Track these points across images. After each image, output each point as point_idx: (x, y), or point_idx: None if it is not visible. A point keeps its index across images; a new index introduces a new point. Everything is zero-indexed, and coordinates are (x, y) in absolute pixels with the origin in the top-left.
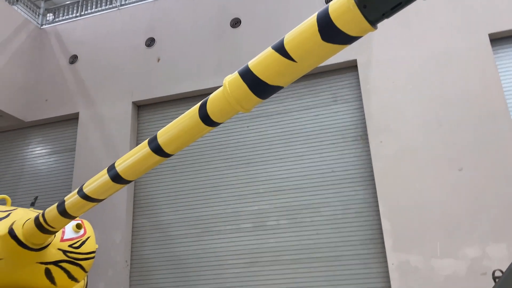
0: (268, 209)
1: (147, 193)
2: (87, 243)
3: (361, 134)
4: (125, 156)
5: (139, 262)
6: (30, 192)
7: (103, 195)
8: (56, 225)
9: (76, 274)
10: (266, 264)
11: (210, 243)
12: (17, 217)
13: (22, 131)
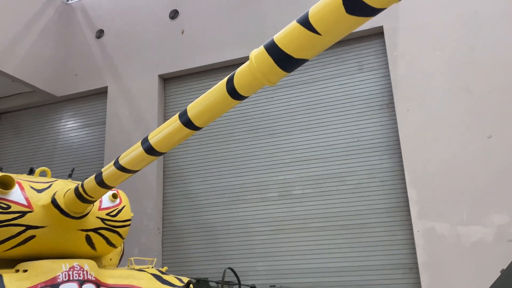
0: (293, 178)
1: (176, 164)
2: (123, 211)
3: (387, 102)
4: (157, 129)
5: (170, 230)
6: (65, 164)
7: (137, 167)
8: (94, 195)
9: (114, 240)
10: (292, 232)
11: (237, 211)
12: (58, 187)
13: (54, 105)
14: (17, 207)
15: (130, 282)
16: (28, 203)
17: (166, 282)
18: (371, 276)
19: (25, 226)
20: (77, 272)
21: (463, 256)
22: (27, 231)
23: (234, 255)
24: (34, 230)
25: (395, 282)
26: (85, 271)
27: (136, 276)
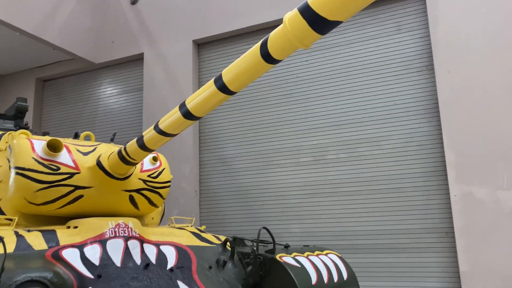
0: (327, 143)
1: (211, 130)
2: (163, 173)
3: (426, 64)
4: (194, 94)
5: (206, 192)
6: (107, 129)
7: (176, 130)
8: (136, 157)
9: (155, 200)
10: (326, 196)
11: (271, 175)
12: (102, 151)
13: (93, 72)
14: (66, 169)
15: (171, 239)
16: (75, 165)
17: (204, 240)
18: (405, 240)
19: (74, 187)
20: (123, 229)
21: (501, 221)
22: (76, 191)
23: (268, 217)
24: (82, 190)
25: (430, 246)
26: (130, 228)
27: (177, 233)
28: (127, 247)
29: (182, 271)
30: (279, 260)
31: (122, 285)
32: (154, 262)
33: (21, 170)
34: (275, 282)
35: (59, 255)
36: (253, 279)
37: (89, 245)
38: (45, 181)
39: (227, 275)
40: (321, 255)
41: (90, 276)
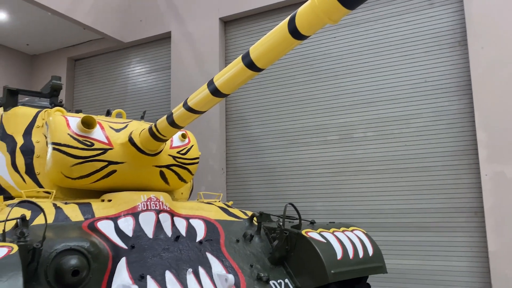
0: (355, 121)
1: (238, 108)
2: (192, 150)
3: (459, 40)
4: (222, 71)
5: (233, 170)
6: (136, 107)
7: (204, 108)
8: (166, 134)
9: (184, 176)
10: (352, 174)
11: (297, 154)
12: (133, 127)
13: (123, 51)
14: (99, 145)
15: (200, 213)
16: (108, 141)
17: (231, 215)
18: (433, 219)
19: (107, 162)
20: (154, 202)
21: None
22: (109, 166)
23: (293, 195)
24: (115, 165)
25: (458, 225)
26: (161, 202)
27: (205, 208)
28: (159, 220)
29: (210, 243)
30: (304, 235)
31: (154, 255)
32: (184, 235)
33: (57, 146)
34: (300, 257)
35: (94, 227)
36: (279, 253)
37: (122, 217)
38: (80, 156)
39: (253, 249)
40: (346, 231)
41: (124, 246)
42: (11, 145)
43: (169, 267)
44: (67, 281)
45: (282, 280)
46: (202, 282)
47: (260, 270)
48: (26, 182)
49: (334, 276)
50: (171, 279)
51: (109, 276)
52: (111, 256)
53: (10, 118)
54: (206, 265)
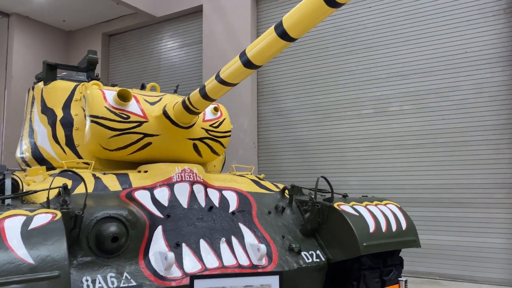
0: (390, 94)
1: (269, 82)
2: (224, 123)
3: (504, 7)
4: (254, 42)
5: (264, 144)
6: (170, 81)
7: (236, 80)
8: (199, 107)
9: (217, 148)
10: (388, 149)
11: (330, 128)
12: (167, 101)
13: (155, 26)
14: (135, 118)
15: (232, 185)
16: (143, 114)
17: (263, 187)
18: (471, 194)
19: (143, 134)
20: (188, 174)
21: None
22: (144, 138)
23: (326, 169)
24: (150, 138)
25: (497, 201)
26: (194, 173)
27: (238, 180)
28: (193, 190)
29: (243, 214)
30: (337, 208)
31: (189, 224)
32: (217, 206)
33: (95, 118)
34: (332, 229)
35: (132, 196)
36: (311, 225)
37: (158, 188)
38: (117, 128)
39: (285, 221)
40: (379, 205)
41: (160, 215)
42: (52, 118)
43: (203, 236)
44: (107, 247)
45: (313, 252)
46: (235, 251)
47: (292, 241)
48: (67, 154)
49: (366, 248)
50: (205, 247)
51: (146, 243)
52: (148, 224)
53: (50, 92)
54: (238, 235)
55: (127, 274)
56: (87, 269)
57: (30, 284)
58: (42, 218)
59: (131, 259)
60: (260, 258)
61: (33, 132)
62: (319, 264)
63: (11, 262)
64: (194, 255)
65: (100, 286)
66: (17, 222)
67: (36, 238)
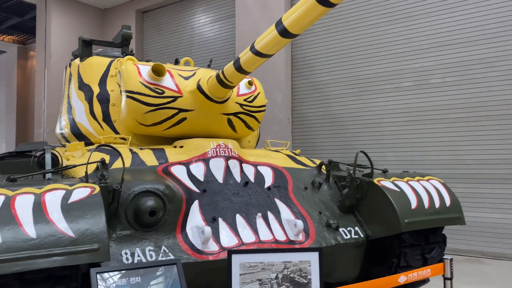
0: (432, 66)
1: (304, 55)
2: (258, 97)
3: None
4: (291, 10)
5: (299, 119)
6: (203, 56)
7: (271, 50)
8: (233, 80)
9: (251, 123)
10: (429, 123)
11: (367, 102)
12: (201, 75)
13: (187, 2)
14: (170, 92)
15: (267, 160)
16: (178, 89)
17: (299, 162)
18: None
19: (178, 109)
20: (223, 149)
21: None
22: (179, 113)
23: (363, 144)
24: (185, 113)
25: None
26: (229, 149)
27: (273, 155)
28: (228, 166)
29: (279, 190)
30: (376, 184)
31: (225, 199)
32: (252, 181)
33: (130, 94)
34: (372, 206)
35: (168, 171)
36: (349, 202)
37: (194, 163)
38: (152, 104)
39: (322, 196)
40: (422, 180)
41: (196, 190)
42: (89, 94)
43: (239, 211)
44: (145, 221)
45: (351, 228)
46: (271, 226)
47: (329, 217)
48: (104, 129)
49: (407, 225)
50: (242, 222)
51: (183, 217)
52: (184, 199)
53: (86, 68)
54: (274, 210)
55: (165, 248)
56: (126, 242)
57: (71, 256)
58: (81, 192)
59: (169, 233)
60: (297, 234)
61: (71, 109)
62: (358, 240)
63: (53, 235)
64: (231, 230)
65: (139, 259)
66: (57, 196)
67: (75, 211)
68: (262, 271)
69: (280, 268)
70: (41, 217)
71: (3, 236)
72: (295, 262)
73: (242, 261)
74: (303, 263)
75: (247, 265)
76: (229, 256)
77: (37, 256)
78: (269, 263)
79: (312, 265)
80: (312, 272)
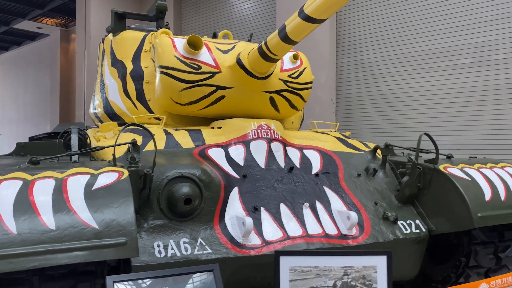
0: (495, 40)
1: (349, 32)
2: (304, 73)
3: None
4: None
5: (343, 100)
6: (242, 33)
7: (324, 14)
8: (277, 52)
9: (296, 102)
10: (490, 103)
11: (420, 81)
12: (241, 48)
13: None
14: (207, 68)
15: (314, 143)
16: (216, 64)
17: (351, 146)
18: None
19: (215, 87)
20: (265, 130)
21: None
22: (217, 91)
23: (414, 127)
24: (223, 91)
25: None
26: (272, 130)
27: (321, 138)
28: (270, 149)
29: (328, 177)
30: (443, 171)
31: (267, 186)
32: (298, 166)
33: (165, 69)
34: (437, 196)
35: (205, 154)
36: (410, 191)
37: (233, 145)
38: (188, 80)
39: (377, 185)
40: (495, 167)
41: (236, 176)
42: (122, 70)
43: (284, 200)
44: (180, 210)
45: (412, 221)
46: (320, 218)
47: (386, 209)
48: (138, 109)
49: (481, 220)
50: (286, 213)
51: (221, 206)
52: (223, 185)
53: (119, 43)
54: (323, 200)
55: (201, 240)
56: (159, 233)
57: (94, 251)
58: (108, 177)
59: (206, 223)
60: (350, 227)
61: (104, 87)
62: (419, 235)
63: (74, 226)
64: (274, 221)
65: (173, 253)
66: (81, 181)
67: (100, 199)
68: (317, 277)
69: (339, 274)
70: (62, 205)
71: (19, 227)
72: (358, 267)
73: (292, 265)
74: (367, 268)
75: (299, 269)
76: (276, 259)
77: (56, 250)
78: (326, 268)
79: (378, 271)
80: (378, 279)
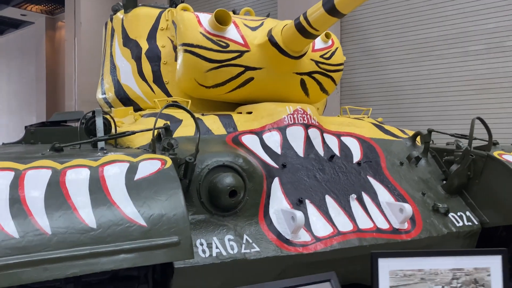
0: (508, 26)
1: (355, 18)
2: (336, 54)
3: None
4: None
5: (349, 89)
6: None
7: None
8: (320, 26)
9: (327, 85)
10: (503, 91)
11: (428, 68)
12: (271, 25)
13: None
14: (235, 46)
15: (351, 130)
16: (244, 41)
17: (388, 133)
18: None
19: (244, 67)
20: (301, 115)
21: None
22: (246, 72)
23: (422, 116)
24: (252, 72)
25: None
26: (309, 115)
27: (357, 124)
28: (308, 136)
29: (370, 166)
30: (498, 158)
31: (309, 177)
32: (338, 154)
33: (189, 47)
34: (489, 185)
35: (239, 141)
36: (459, 180)
37: (267, 131)
38: (215, 59)
39: (421, 174)
40: None
41: (275, 165)
42: (136, 51)
43: (328, 191)
44: (224, 203)
45: (462, 213)
46: (370, 211)
47: (435, 200)
48: (155, 92)
49: None
50: (333, 205)
51: (265, 198)
52: (264, 176)
53: (131, 21)
54: (370, 191)
55: (247, 237)
56: (201, 230)
57: (144, 253)
58: (150, 166)
59: (250, 218)
60: (403, 221)
61: (115, 69)
62: (472, 228)
63: (118, 223)
64: (322, 215)
65: (218, 252)
66: (121, 170)
67: (146, 191)
68: (422, 282)
69: (447, 278)
70: (102, 199)
71: (53, 226)
72: (468, 269)
73: (393, 268)
74: (480, 271)
75: (401, 273)
76: (374, 261)
77: (100, 253)
78: (432, 271)
79: (492, 273)
80: (493, 283)
